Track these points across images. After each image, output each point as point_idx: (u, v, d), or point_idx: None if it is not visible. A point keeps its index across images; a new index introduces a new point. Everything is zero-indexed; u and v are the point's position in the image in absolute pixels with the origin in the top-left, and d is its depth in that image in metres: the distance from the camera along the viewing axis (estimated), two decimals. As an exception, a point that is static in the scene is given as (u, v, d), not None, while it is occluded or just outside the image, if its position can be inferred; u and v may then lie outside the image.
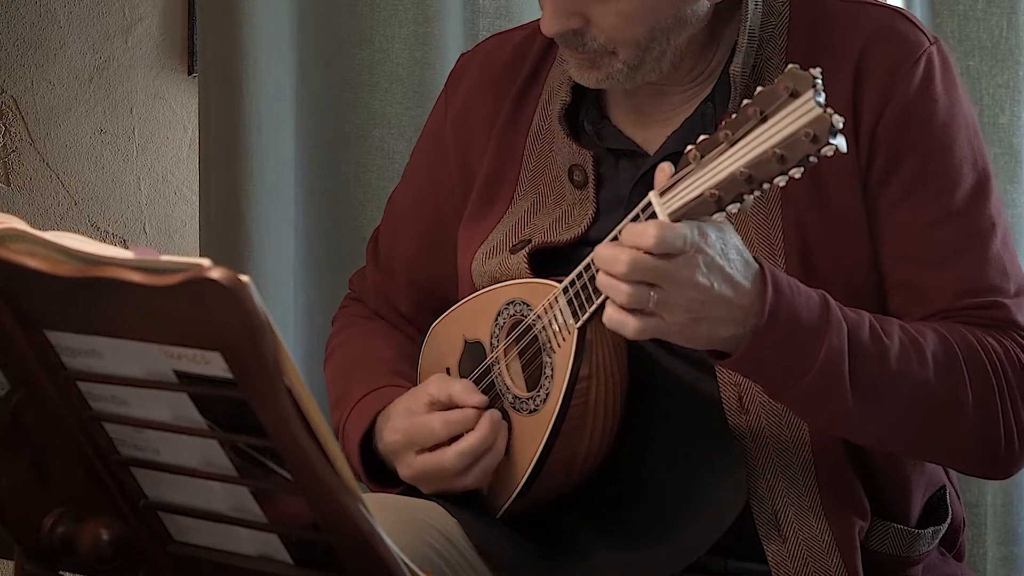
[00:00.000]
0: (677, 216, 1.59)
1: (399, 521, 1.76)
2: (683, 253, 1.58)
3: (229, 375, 1.18)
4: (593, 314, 1.71)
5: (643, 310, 1.60)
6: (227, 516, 1.30)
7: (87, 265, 1.20)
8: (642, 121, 1.89)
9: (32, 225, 1.27)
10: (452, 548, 1.83)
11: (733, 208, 1.56)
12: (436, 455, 1.84)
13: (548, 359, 1.79)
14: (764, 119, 1.53)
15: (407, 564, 1.23)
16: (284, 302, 2.59)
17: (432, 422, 1.84)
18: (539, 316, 1.80)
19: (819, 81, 1.50)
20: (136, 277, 1.16)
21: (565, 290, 1.76)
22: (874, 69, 1.80)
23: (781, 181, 1.52)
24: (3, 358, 1.30)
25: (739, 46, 1.81)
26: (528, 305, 1.82)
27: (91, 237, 1.29)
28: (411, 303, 2.11)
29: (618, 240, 1.62)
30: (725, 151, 1.55)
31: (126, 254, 1.21)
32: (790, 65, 1.52)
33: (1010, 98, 2.45)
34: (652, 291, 1.59)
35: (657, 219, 1.60)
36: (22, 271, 1.21)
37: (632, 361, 1.80)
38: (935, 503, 1.89)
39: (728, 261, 1.61)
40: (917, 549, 1.85)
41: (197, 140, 2.63)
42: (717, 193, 1.56)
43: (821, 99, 1.49)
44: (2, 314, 1.26)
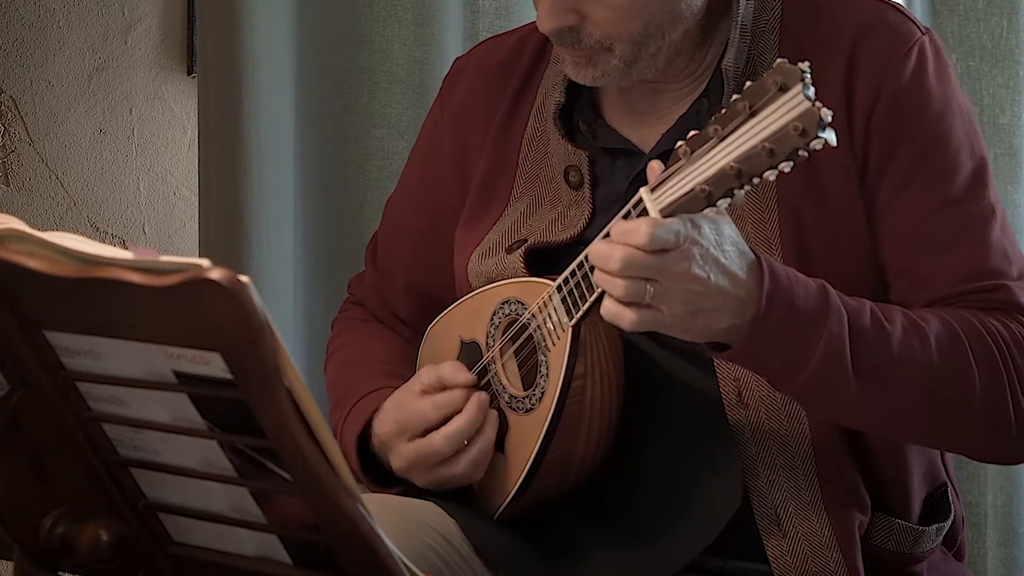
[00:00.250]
0: (668, 212, 1.59)
1: (397, 521, 1.76)
2: (677, 248, 1.58)
3: (228, 375, 1.18)
4: (587, 312, 1.71)
5: (640, 303, 1.60)
6: (226, 517, 1.30)
7: (86, 265, 1.20)
8: (637, 120, 1.89)
9: (31, 225, 1.27)
10: (450, 548, 1.83)
11: (724, 203, 1.56)
12: (426, 440, 1.84)
13: (543, 358, 1.79)
14: (753, 114, 1.53)
15: (406, 564, 1.23)
16: (283, 302, 2.59)
17: (423, 405, 1.85)
18: (534, 315, 1.80)
19: (807, 75, 1.50)
20: (135, 278, 1.16)
21: (559, 288, 1.76)
22: (866, 61, 1.80)
23: (771, 175, 1.52)
24: (2, 358, 1.30)
25: (731, 41, 1.82)
26: (523, 304, 1.82)
27: (90, 237, 1.28)
28: (409, 307, 2.11)
29: (610, 237, 1.62)
30: (715, 146, 1.55)
31: (125, 254, 1.20)
32: (779, 60, 1.52)
33: (1010, 98, 2.45)
34: (648, 285, 1.59)
35: (649, 216, 1.60)
36: (21, 271, 1.21)
37: (628, 359, 1.79)
38: (937, 500, 1.89)
39: (723, 252, 1.61)
40: (921, 546, 1.85)
41: (196, 140, 2.62)
42: (707, 188, 1.56)
43: (810, 93, 1.49)
44: (1, 314, 1.26)
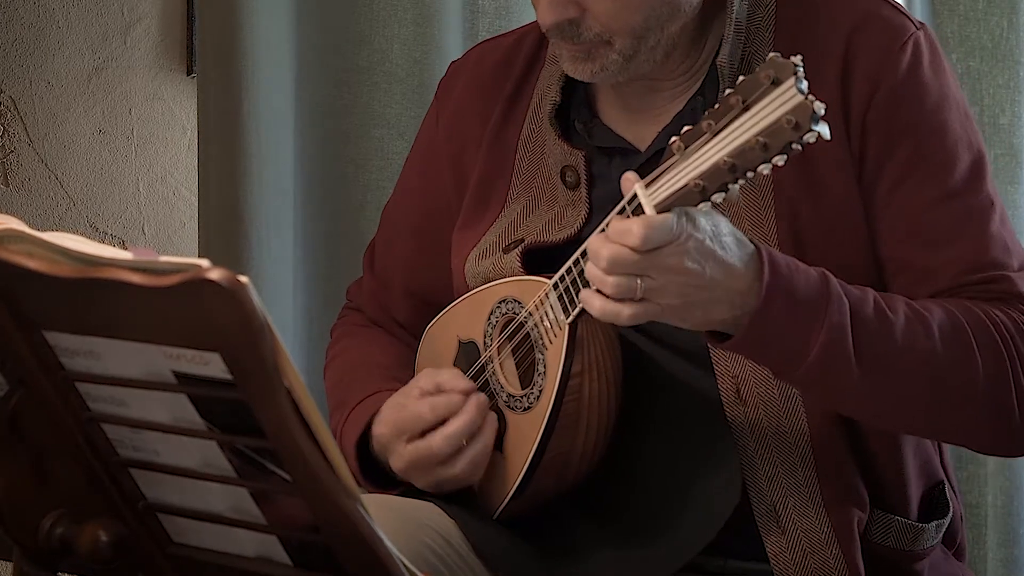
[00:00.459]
0: (663, 208, 1.59)
1: (396, 521, 1.76)
2: (670, 242, 1.58)
3: (228, 376, 1.18)
4: (584, 309, 1.71)
5: (632, 299, 1.60)
6: (226, 517, 1.30)
7: (86, 266, 1.20)
8: (633, 118, 1.89)
9: (30, 226, 1.27)
10: (449, 548, 1.83)
11: (718, 198, 1.56)
12: (424, 441, 1.84)
13: (540, 356, 1.79)
14: (746, 108, 1.53)
15: (406, 565, 1.23)
16: (283, 302, 2.59)
17: (420, 407, 1.85)
18: (531, 313, 1.80)
19: (800, 69, 1.49)
20: (135, 278, 1.16)
21: (555, 286, 1.76)
22: (862, 56, 1.80)
23: (765, 169, 1.52)
24: (2, 359, 1.30)
25: (726, 38, 1.82)
26: (520, 303, 1.82)
27: (89, 238, 1.28)
28: (408, 312, 2.11)
29: (605, 233, 1.62)
30: (708, 141, 1.55)
31: (125, 255, 1.20)
32: (771, 53, 1.52)
33: (1010, 98, 2.45)
34: (639, 279, 1.59)
35: (641, 215, 1.60)
36: (21, 272, 1.21)
37: (626, 358, 1.80)
38: (935, 497, 1.89)
39: (720, 244, 1.61)
40: (921, 543, 1.85)
41: (196, 140, 2.62)
42: (701, 183, 1.56)
43: (803, 86, 1.49)
44: (1, 315, 1.26)
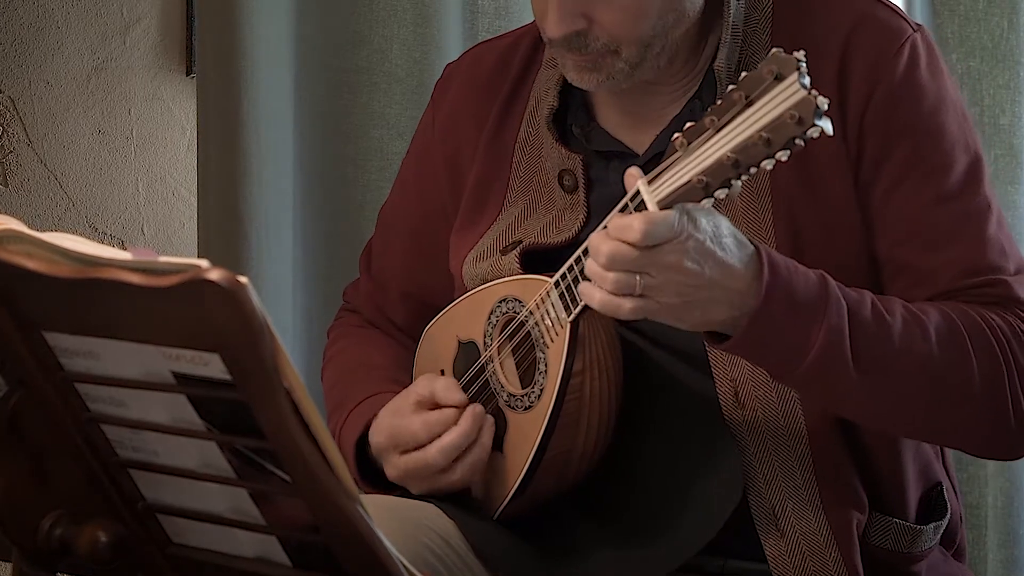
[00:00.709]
0: (665, 204, 1.59)
1: (395, 522, 1.76)
2: (670, 240, 1.58)
3: (227, 376, 1.18)
4: (586, 307, 1.71)
5: (632, 295, 1.60)
6: (225, 518, 1.30)
7: (85, 266, 1.20)
8: (630, 122, 1.89)
9: (30, 226, 1.27)
10: (448, 549, 1.83)
11: (721, 193, 1.56)
12: (420, 453, 1.84)
13: (541, 355, 1.79)
14: (749, 103, 1.53)
15: (405, 566, 1.23)
16: (283, 303, 2.59)
17: (413, 425, 1.84)
18: (531, 312, 1.80)
19: (803, 64, 1.49)
20: (134, 278, 1.16)
21: (556, 284, 1.76)
22: (858, 58, 1.80)
23: (768, 164, 1.52)
24: (1, 359, 1.30)
25: (723, 42, 1.82)
26: (520, 302, 1.82)
27: (89, 238, 1.28)
28: (405, 313, 2.11)
29: (606, 229, 1.62)
30: (711, 137, 1.55)
31: (124, 255, 1.20)
32: (774, 49, 1.52)
33: (1011, 99, 2.44)
34: (639, 277, 1.59)
35: (642, 212, 1.60)
36: (20, 272, 1.21)
37: (626, 358, 1.79)
38: (933, 498, 1.89)
39: (720, 245, 1.61)
40: (919, 545, 1.85)
41: (195, 141, 2.62)
42: (705, 179, 1.56)
43: (806, 81, 1.49)
44: (0, 315, 1.26)
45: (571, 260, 1.72)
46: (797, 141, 1.50)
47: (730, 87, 1.55)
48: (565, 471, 1.81)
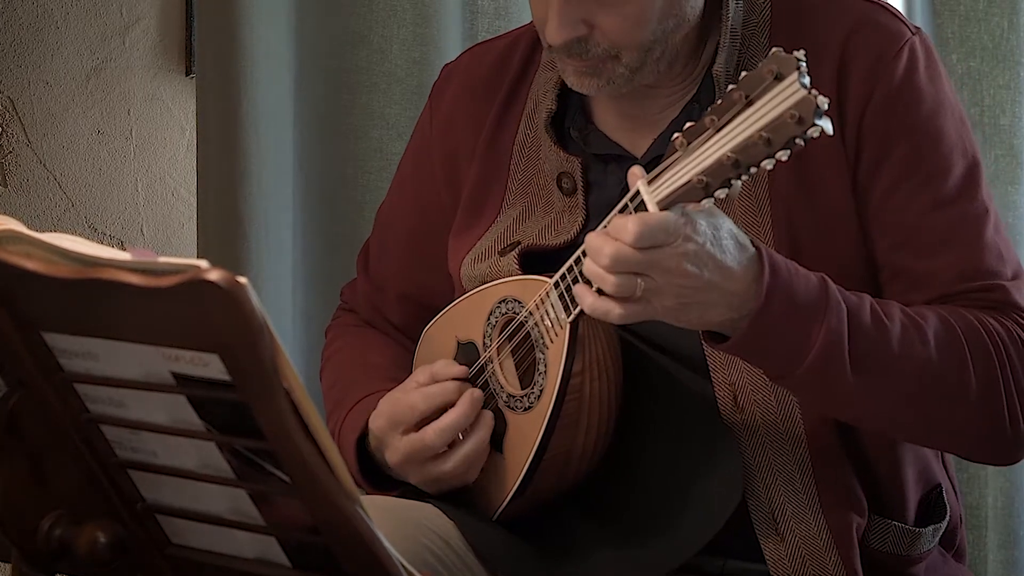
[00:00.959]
0: (665, 204, 1.59)
1: (394, 522, 1.76)
2: (668, 243, 1.58)
3: (227, 377, 1.18)
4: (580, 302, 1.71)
5: (630, 298, 1.60)
6: (225, 519, 1.30)
7: (84, 267, 1.20)
8: (629, 125, 1.89)
9: (29, 226, 1.27)
10: (448, 550, 1.83)
11: (721, 193, 1.56)
12: (418, 434, 1.84)
13: (541, 355, 1.79)
14: (749, 103, 1.52)
15: (405, 566, 1.23)
16: (282, 303, 2.59)
17: (411, 397, 1.85)
18: (531, 312, 1.80)
19: (803, 63, 1.49)
20: (133, 279, 1.16)
21: (556, 284, 1.75)
22: (857, 61, 1.80)
23: (768, 164, 1.52)
24: (0, 360, 1.29)
25: (721, 45, 1.82)
26: (520, 302, 1.82)
27: (88, 238, 1.28)
28: (403, 315, 2.11)
29: (606, 229, 1.62)
30: (711, 137, 1.55)
31: (123, 255, 1.20)
32: (774, 48, 1.52)
33: (1011, 99, 2.44)
34: (640, 279, 1.59)
35: (637, 213, 1.59)
36: (19, 273, 1.21)
37: (626, 359, 1.79)
38: (933, 501, 1.89)
39: (720, 248, 1.61)
40: (918, 548, 1.85)
41: (195, 141, 2.62)
42: (705, 179, 1.56)
43: (806, 81, 1.49)
44: (-1, 316, 1.26)
45: (571, 260, 1.72)
46: (797, 141, 1.50)
47: (730, 87, 1.55)
48: (565, 471, 1.81)
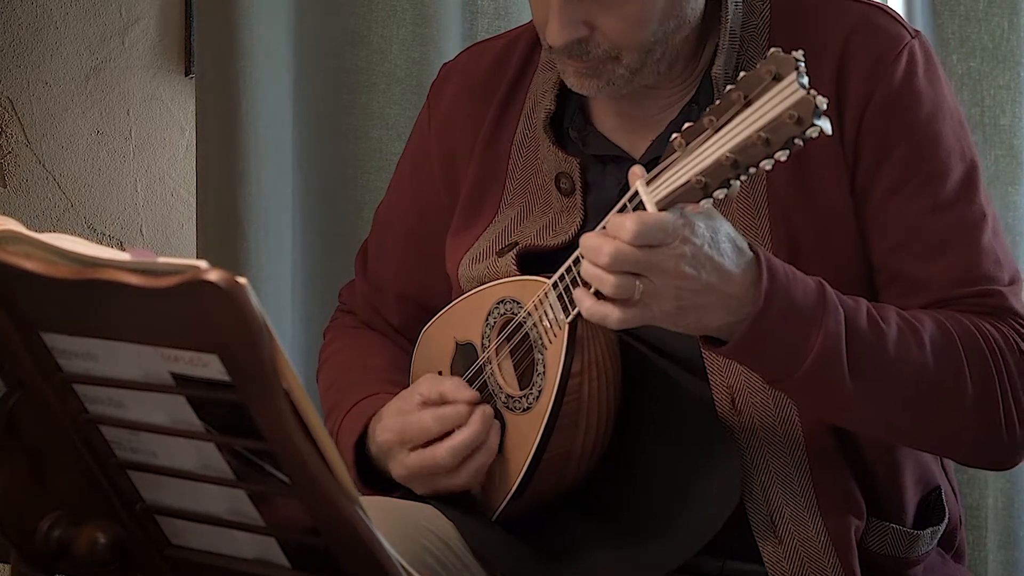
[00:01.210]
0: (664, 205, 1.58)
1: (394, 524, 1.76)
2: (665, 244, 1.57)
3: (226, 377, 1.18)
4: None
5: (628, 300, 1.60)
6: (224, 520, 1.30)
7: (83, 267, 1.20)
8: (627, 126, 1.89)
9: (28, 227, 1.27)
10: (448, 551, 1.83)
11: (720, 194, 1.56)
12: (429, 451, 1.83)
13: (540, 356, 1.79)
14: (748, 103, 1.52)
15: (404, 567, 1.22)
16: (281, 304, 2.59)
17: (424, 418, 1.84)
18: (529, 313, 1.80)
19: (802, 64, 1.49)
20: (133, 279, 1.16)
21: (555, 285, 1.75)
22: (856, 63, 1.80)
23: (767, 165, 1.52)
24: (-1, 360, 1.30)
25: (720, 47, 1.81)
26: (518, 303, 1.82)
27: (87, 239, 1.28)
28: (401, 316, 2.11)
29: (604, 229, 1.62)
30: (710, 137, 1.55)
31: (122, 256, 1.20)
32: (772, 49, 1.52)
33: (1011, 99, 2.44)
34: (638, 281, 1.59)
35: (636, 212, 1.59)
36: (18, 273, 1.21)
37: (624, 361, 1.79)
38: (931, 503, 1.89)
39: (718, 250, 1.61)
40: (917, 550, 1.85)
41: (194, 141, 2.62)
42: (703, 179, 1.55)
43: (804, 81, 1.49)
44: (-2, 316, 1.26)
45: (570, 261, 1.72)
46: (796, 141, 1.50)
47: (728, 87, 1.54)
48: (564, 472, 1.81)
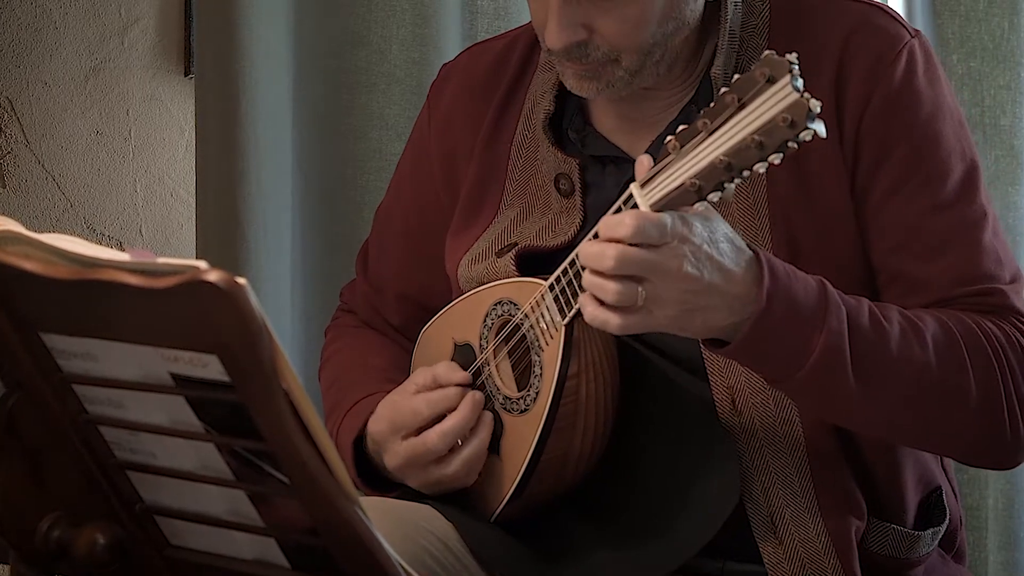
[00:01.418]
0: (659, 207, 1.58)
1: (393, 524, 1.76)
2: (665, 243, 1.57)
3: (226, 378, 1.18)
4: (580, 310, 1.71)
5: (631, 307, 1.59)
6: (224, 520, 1.30)
7: (83, 267, 1.20)
8: (626, 127, 1.89)
9: (27, 227, 1.27)
10: (447, 551, 1.83)
11: (714, 197, 1.56)
12: (420, 438, 1.83)
13: (537, 358, 1.79)
14: (742, 106, 1.52)
15: (404, 567, 1.22)
16: (281, 304, 2.59)
17: (415, 402, 1.84)
18: (527, 315, 1.80)
19: (796, 66, 1.49)
20: (132, 279, 1.16)
21: (551, 287, 1.75)
22: (856, 63, 1.79)
23: (761, 168, 1.52)
24: (-2, 361, 1.30)
25: (719, 48, 1.81)
26: (516, 304, 1.82)
27: (87, 239, 1.28)
28: (402, 316, 2.11)
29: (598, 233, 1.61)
30: (704, 140, 1.55)
31: (122, 256, 1.20)
32: (766, 52, 1.52)
33: (1011, 99, 2.44)
34: (641, 287, 1.58)
35: (635, 210, 1.59)
36: (17, 273, 1.21)
37: (623, 362, 1.79)
38: (932, 504, 1.89)
39: (718, 250, 1.60)
40: (917, 551, 1.85)
41: (194, 141, 2.62)
42: (697, 182, 1.55)
43: (799, 84, 1.49)
44: (-3, 317, 1.26)
45: (565, 263, 1.72)
46: (790, 144, 1.50)
47: (723, 89, 1.54)
48: (562, 474, 1.81)
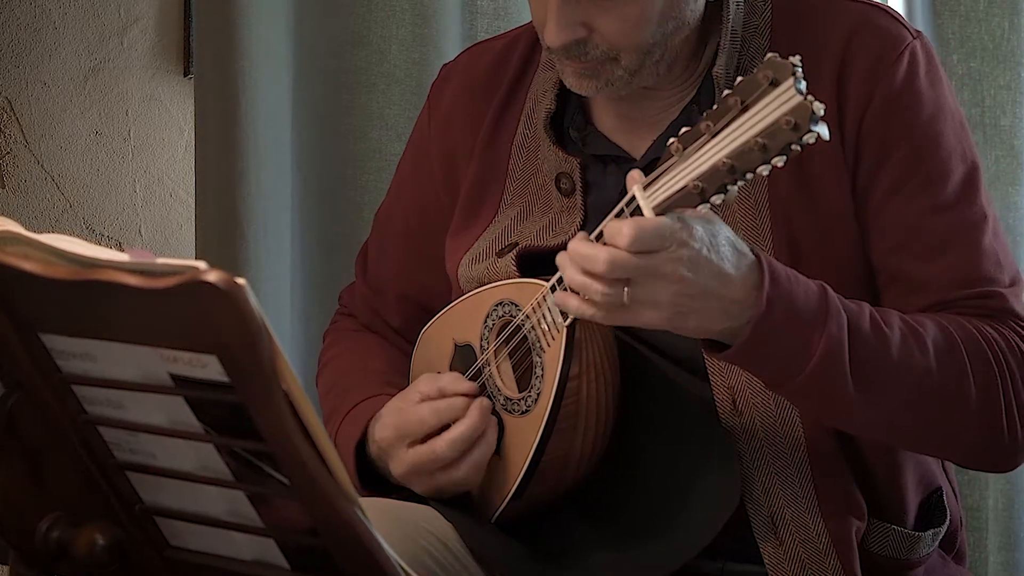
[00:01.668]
0: (661, 210, 1.58)
1: (393, 525, 1.76)
2: (663, 249, 1.57)
3: (225, 378, 1.18)
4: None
5: (616, 305, 1.60)
6: (223, 521, 1.30)
7: (82, 268, 1.20)
8: (628, 126, 1.89)
9: (27, 227, 1.26)
10: (447, 552, 1.83)
11: (717, 199, 1.56)
12: (427, 446, 1.83)
13: (538, 359, 1.79)
14: (745, 109, 1.52)
15: (404, 568, 1.22)
16: (281, 304, 2.58)
17: (422, 411, 1.84)
18: (528, 316, 1.80)
19: (799, 69, 1.49)
20: (131, 280, 1.16)
21: (553, 288, 1.75)
22: (857, 64, 1.79)
23: (764, 170, 1.52)
24: (-2, 361, 1.29)
25: (721, 47, 1.81)
26: (517, 305, 1.82)
27: (86, 239, 1.28)
28: (402, 317, 2.11)
29: (601, 237, 1.61)
30: (707, 142, 1.55)
31: (121, 257, 1.20)
32: (770, 54, 1.51)
33: (1012, 100, 2.44)
34: (625, 288, 1.58)
35: (633, 218, 1.59)
36: (17, 274, 1.21)
37: (624, 362, 1.79)
38: (933, 504, 1.89)
39: (718, 254, 1.60)
40: (918, 552, 1.85)
41: (193, 142, 2.62)
42: (700, 184, 1.55)
43: (802, 87, 1.49)
44: (-4, 317, 1.26)
45: (567, 264, 1.72)
46: (793, 147, 1.50)
47: (726, 92, 1.54)
48: (563, 474, 1.81)
